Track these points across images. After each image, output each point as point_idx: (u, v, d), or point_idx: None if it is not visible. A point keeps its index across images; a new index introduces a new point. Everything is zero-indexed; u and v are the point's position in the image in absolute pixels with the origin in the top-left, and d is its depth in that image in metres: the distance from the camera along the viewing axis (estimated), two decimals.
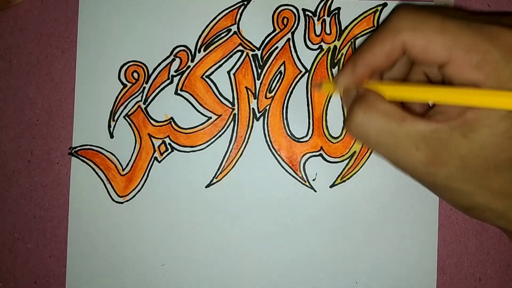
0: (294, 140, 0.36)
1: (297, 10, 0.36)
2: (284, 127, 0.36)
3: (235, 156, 0.36)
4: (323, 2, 0.36)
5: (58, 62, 0.36)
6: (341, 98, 0.36)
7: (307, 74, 0.36)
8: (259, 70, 0.36)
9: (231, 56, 0.36)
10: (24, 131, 0.36)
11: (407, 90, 0.26)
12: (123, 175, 0.36)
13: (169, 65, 0.36)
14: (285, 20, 0.36)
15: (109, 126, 0.36)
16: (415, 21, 0.25)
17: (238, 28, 0.36)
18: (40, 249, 0.36)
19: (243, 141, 0.36)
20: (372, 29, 0.36)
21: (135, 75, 0.36)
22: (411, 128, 0.25)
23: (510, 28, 0.24)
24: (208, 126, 0.36)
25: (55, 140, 0.36)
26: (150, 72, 0.36)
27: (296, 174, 0.36)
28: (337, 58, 0.36)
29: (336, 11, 0.36)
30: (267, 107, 0.36)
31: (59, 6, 0.36)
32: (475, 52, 0.23)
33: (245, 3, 0.36)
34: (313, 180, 0.36)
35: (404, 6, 0.26)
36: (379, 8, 0.36)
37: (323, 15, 0.36)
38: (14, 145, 0.36)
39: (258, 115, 0.36)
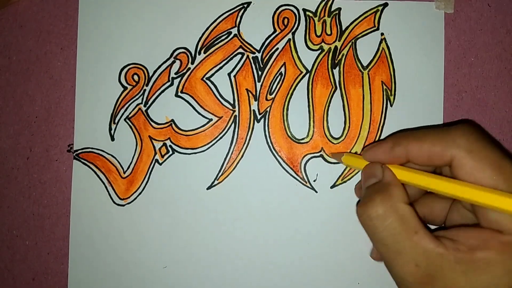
0: (294, 141, 0.36)
1: (298, 10, 0.36)
2: (285, 128, 0.36)
3: (236, 157, 0.36)
4: (323, 2, 0.36)
5: (57, 59, 0.36)
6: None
7: (308, 74, 0.36)
8: (260, 72, 0.36)
9: (231, 58, 0.36)
10: (23, 128, 0.36)
11: (432, 181, 0.26)
12: (124, 178, 0.36)
13: (169, 67, 0.36)
14: (286, 20, 0.36)
15: (110, 128, 0.36)
16: (476, 144, 0.25)
17: (238, 30, 0.36)
18: (39, 246, 0.36)
19: (244, 143, 0.36)
20: (373, 29, 0.36)
21: (136, 77, 0.36)
22: (419, 243, 0.24)
23: None
24: (209, 128, 0.36)
25: (54, 137, 0.36)
26: (150, 75, 0.36)
27: (297, 175, 0.36)
28: (338, 59, 0.36)
29: (337, 12, 0.36)
30: (268, 109, 0.36)
31: (59, 3, 0.36)
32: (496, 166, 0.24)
33: (245, 6, 0.36)
34: (314, 181, 0.36)
35: (470, 124, 0.26)
36: (380, 8, 0.36)
37: (324, 16, 0.36)
38: (13, 142, 0.36)
39: (258, 116, 0.36)
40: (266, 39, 0.36)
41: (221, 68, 0.36)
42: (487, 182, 0.24)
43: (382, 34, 0.36)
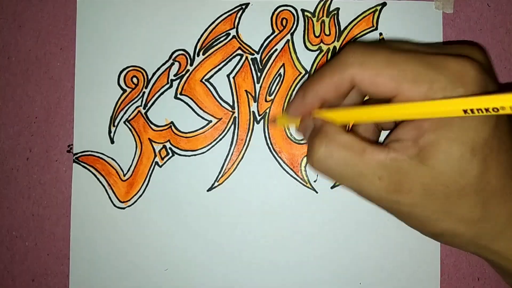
0: (294, 142, 0.36)
1: (296, 10, 0.36)
2: (285, 129, 0.36)
3: (236, 159, 0.36)
4: (322, 3, 0.36)
5: (57, 59, 0.36)
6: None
7: (307, 75, 0.36)
8: (259, 74, 0.36)
9: (230, 60, 0.36)
10: (22, 129, 0.36)
11: (357, 112, 0.26)
12: (124, 181, 0.36)
13: (168, 69, 0.36)
14: (284, 21, 0.36)
15: (110, 131, 0.36)
16: (363, 56, 0.25)
17: (237, 32, 0.36)
18: (39, 247, 0.36)
19: (244, 144, 0.36)
20: (371, 29, 0.36)
21: (135, 80, 0.36)
22: (371, 159, 0.25)
23: (455, 56, 0.24)
24: (208, 129, 0.36)
25: (53, 137, 0.36)
26: (149, 77, 0.36)
27: (297, 175, 0.36)
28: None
29: (335, 12, 0.36)
30: (267, 110, 0.36)
31: (58, 4, 0.36)
32: (422, 82, 0.23)
33: (244, 7, 0.36)
34: (315, 181, 0.36)
35: (354, 43, 0.27)
36: (379, 8, 0.36)
37: (322, 16, 0.36)
38: (13, 143, 0.36)
39: (258, 118, 0.36)
40: (265, 40, 0.36)
41: (220, 69, 0.36)
42: (388, 84, 0.24)
43: (380, 34, 0.36)
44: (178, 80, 0.36)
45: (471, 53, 0.25)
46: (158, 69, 0.36)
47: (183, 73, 0.36)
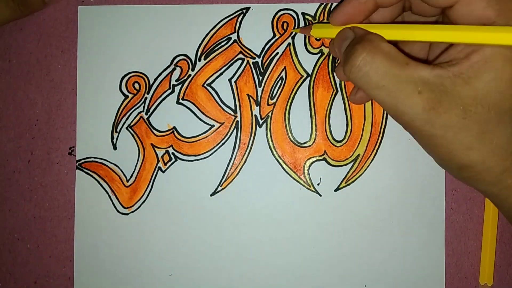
0: (297, 145, 0.36)
1: (297, 14, 0.36)
2: (287, 132, 0.36)
3: (239, 163, 0.36)
4: (322, 6, 0.36)
5: (58, 62, 0.36)
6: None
7: (308, 78, 0.36)
8: (260, 78, 0.36)
9: (231, 64, 0.36)
10: (24, 131, 0.36)
11: (408, 31, 0.25)
12: (127, 186, 0.36)
13: (169, 75, 0.36)
14: (285, 24, 0.36)
15: (112, 137, 0.36)
16: None
17: (238, 36, 0.36)
18: (40, 249, 0.36)
19: (247, 148, 0.36)
20: None
21: (136, 85, 0.36)
22: (414, 72, 0.24)
23: None
24: (211, 134, 0.36)
25: (55, 140, 0.36)
26: (151, 82, 0.36)
27: (301, 179, 0.36)
28: (338, 62, 0.36)
29: None
30: (270, 114, 0.36)
31: (59, 6, 0.36)
32: None
33: (244, 11, 0.36)
34: (318, 184, 0.36)
35: None
36: None
37: (323, 19, 0.36)
38: (14, 145, 0.36)
39: (260, 121, 0.36)
40: (266, 44, 0.36)
41: (221, 74, 0.36)
42: None
43: None
44: (180, 85, 0.36)
45: None
46: (160, 74, 0.36)
47: (185, 78, 0.36)
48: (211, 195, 0.36)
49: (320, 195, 0.36)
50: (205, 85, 0.36)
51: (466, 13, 0.23)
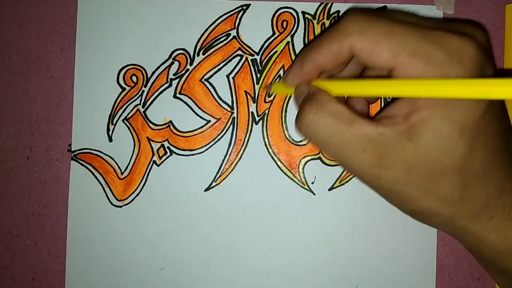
0: (293, 143, 0.36)
1: (297, 13, 0.36)
2: (283, 130, 0.36)
3: (234, 159, 0.36)
4: (322, 5, 0.36)
5: (58, 58, 0.36)
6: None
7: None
8: (258, 75, 0.36)
9: (230, 60, 0.36)
10: (23, 128, 0.36)
11: (354, 85, 0.26)
12: (121, 179, 0.36)
13: (167, 68, 0.36)
14: (285, 23, 0.36)
15: (108, 129, 0.36)
16: (363, 25, 0.25)
17: (237, 32, 0.36)
18: (39, 246, 0.36)
19: (242, 145, 0.36)
20: None
21: (134, 78, 0.36)
22: (359, 130, 0.25)
23: (456, 33, 0.24)
24: (207, 129, 0.36)
25: (54, 137, 0.36)
26: (149, 76, 0.36)
27: (295, 177, 0.36)
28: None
29: (336, 15, 0.36)
30: (266, 111, 0.36)
31: (59, 2, 0.36)
32: (421, 55, 0.23)
33: (245, 8, 0.36)
34: (312, 183, 0.36)
35: (355, 10, 0.26)
36: (379, 11, 0.36)
37: (323, 18, 0.36)
38: (13, 142, 0.36)
39: (257, 118, 0.36)
40: (265, 41, 0.36)
41: (219, 69, 0.36)
42: (387, 55, 0.24)
43: (385, 6, 0.36)
44: (177, 80, 0.36)
45: (472, 32, 0.25)
46: (158, 68, 0.36)
47: (183, 72, 0.36)
48: (205, 190, 0.36)
49: (314, 194, 0.36)
50: (202, 80, 0.36)
51: (405, 76, 0.24)
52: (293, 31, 0.36)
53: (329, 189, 0.36)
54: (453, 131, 0.23)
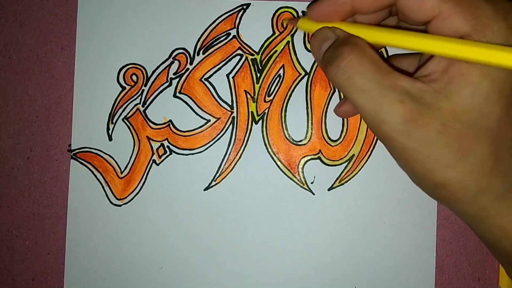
0: (292, 143, 0.36)
1: (297, 12, 0.36)
2: (283, 130, 0.36)
3: (233, 159, 0.36)
4: None
5: (58, 59, 0.36)
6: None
7: (306, 77, 0.36)
8: (258, 74, 0.36)
9: (230, 60, 0.36)
10: (23, 128, 0.36)
11: (389, 36, 0.25)
12: (121, 178, 0.36)
13: (167, 68, 0.36)
14: (285, 22, 0.36)
15: (108, 128, 0.36)
16: None
17: (237, 32, 0.36)
18: (39, 246, 0.36)
19: (242, 144, 0.36)
20: None
21: (134, 77, 0.36)
22: (397, 82, 0.24)
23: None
24: (207, 129, 0.36)
25: (54, 137, 0.36)
26: (149, 75, 0.36)
27: (295, 176, 0.36)
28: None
29: None
30: (266, 111, 0.36)
31: (59, 2, 0.36)
32: (466, 4, 0.23)
33: (245, 7, 0.36)
34: (312, 183, 0.36)
35: None
36: None
37: None
38: (13, 142, 0.36)
39: (257, 118, 0.36)
40: (265, 41, 0.36)
41: (219, 69, 0.36)
42: (430, 11, 0.23)
43: None
44: (177, 79, 0.36)
45: None
46: (158, 67, 0.36)
47: (183, 71, 0.36)
48: (204, 190, 0.36)
49: (314, 194, 0.36)
50: (202, 79, 0.36)
51: (443, 27, 0.23)
52: (293, 30, 0.36)
53: (329, 189, 0.36)
54: (492, 90, 0.22)
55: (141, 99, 0.36)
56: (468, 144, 0.23)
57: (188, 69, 0.36)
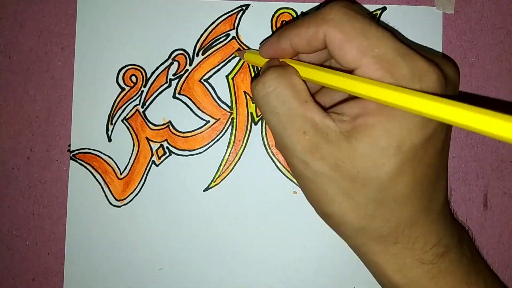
0: None
1: (296, 13, 0.36)
2: None
3: (233, 160, 0.36)
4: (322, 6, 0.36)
5: (58, 59, 0.36)
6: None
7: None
8: (258, 75, 0.36)
9: (229, 61, 0.36)
10: (23, 128, 0.36)
11: (316, 72, 0.26)
12: (120, 179, 0.36)
13: (167, 69, 0.36)
14: (284, 23, 0.36)
15: (107, 129, 0.36)
16: (343, 17, 0.24)
17: (236, 33, 0.36)
18: (39, 246, 0.36)
19: (241, 145, 0.36)
20: None
21: (133, 78, 0.36)
22: (308, 112, 0.25)
23: (428, 58, 0.24)
24: (206, 130, 0.36)
25: (54, 137, 0.36)
26: (148, 76, 0.36)
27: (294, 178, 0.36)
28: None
29: None
30: None
31: (59, 3, 0.37)
32: (385, 62, 0.23)
33: (244, 8, 0.36)
34: None
35: (343, 1, 0.26)
36: (378, 12, 0.36)
37: None
38: (14, 142, 0.36)
39: (256, 119, 0.36)
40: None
41: (219, 70, 0.36)
42: (354, 53, 0.24)
43: (384, 7, 0.36)
44: (177, 80, 0.36)
45: (445, 66, 0.25)
46: (157, 68, 0.36)
47: (182, 72, 0.36)
48: (204, 191, 0.36)
49: None
50: (202, 80, 0.36)
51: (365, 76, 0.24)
52: None
53: None
54: (389, 145, 0.23)
55: (140, 100, 0.36)
56: (355, 186, 0.24)
57: (187, 70, 0.36)
